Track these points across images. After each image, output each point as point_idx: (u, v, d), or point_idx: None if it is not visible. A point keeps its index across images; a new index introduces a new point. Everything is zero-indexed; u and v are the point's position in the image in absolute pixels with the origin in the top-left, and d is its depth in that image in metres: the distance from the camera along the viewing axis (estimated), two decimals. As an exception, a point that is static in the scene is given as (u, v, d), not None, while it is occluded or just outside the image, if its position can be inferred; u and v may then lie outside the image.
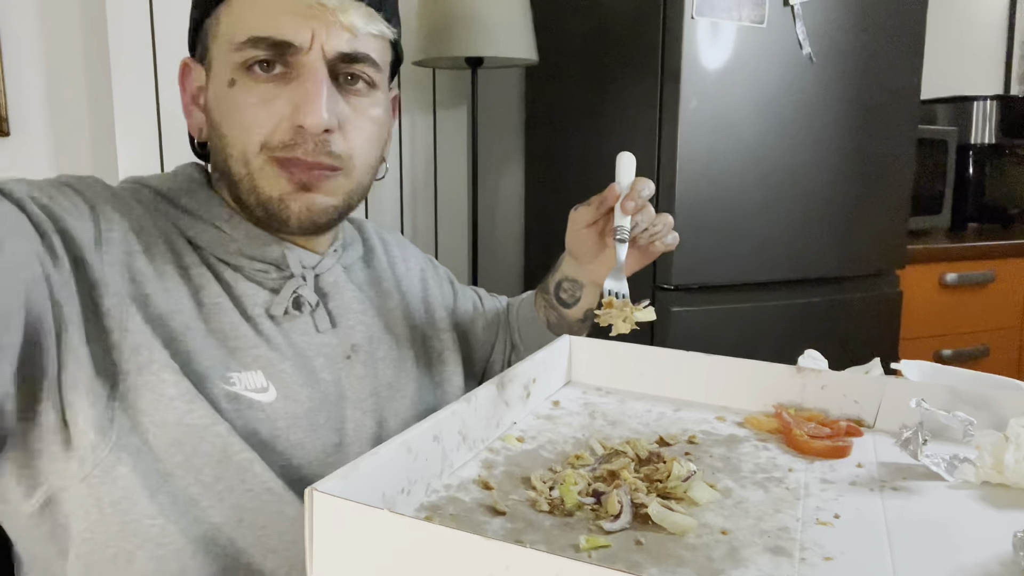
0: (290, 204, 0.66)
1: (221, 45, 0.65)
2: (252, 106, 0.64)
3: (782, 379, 0.74)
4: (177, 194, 0.69)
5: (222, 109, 0.66)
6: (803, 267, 1.68)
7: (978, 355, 2.18)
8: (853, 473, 0.60)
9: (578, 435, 0.68)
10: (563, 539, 0.49)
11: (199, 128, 0.71)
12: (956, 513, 0.54)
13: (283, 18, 0.62)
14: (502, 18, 1.65)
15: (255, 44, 0.63)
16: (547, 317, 0.89)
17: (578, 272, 0.84)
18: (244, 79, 0.64)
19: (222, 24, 0.65)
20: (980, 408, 0.67)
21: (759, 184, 1.58)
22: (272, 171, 0.65)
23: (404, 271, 0.86)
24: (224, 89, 0.65)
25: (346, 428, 0.69)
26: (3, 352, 0.49)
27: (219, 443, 0.60)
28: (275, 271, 0.69)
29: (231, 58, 0.64)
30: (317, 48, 0.63)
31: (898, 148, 1.75)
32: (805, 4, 1.55)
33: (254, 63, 0.63)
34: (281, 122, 0.64)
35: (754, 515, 0.53)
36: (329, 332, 0.71)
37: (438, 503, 0.54)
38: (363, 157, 0.69)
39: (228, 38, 0.64)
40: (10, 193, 0.55)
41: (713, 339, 1.59)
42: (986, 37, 3.01)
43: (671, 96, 1.50)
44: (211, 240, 0.67)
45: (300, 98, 0.63)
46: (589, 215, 0.78)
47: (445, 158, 2.08)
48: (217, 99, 0.66)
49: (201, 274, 0.65)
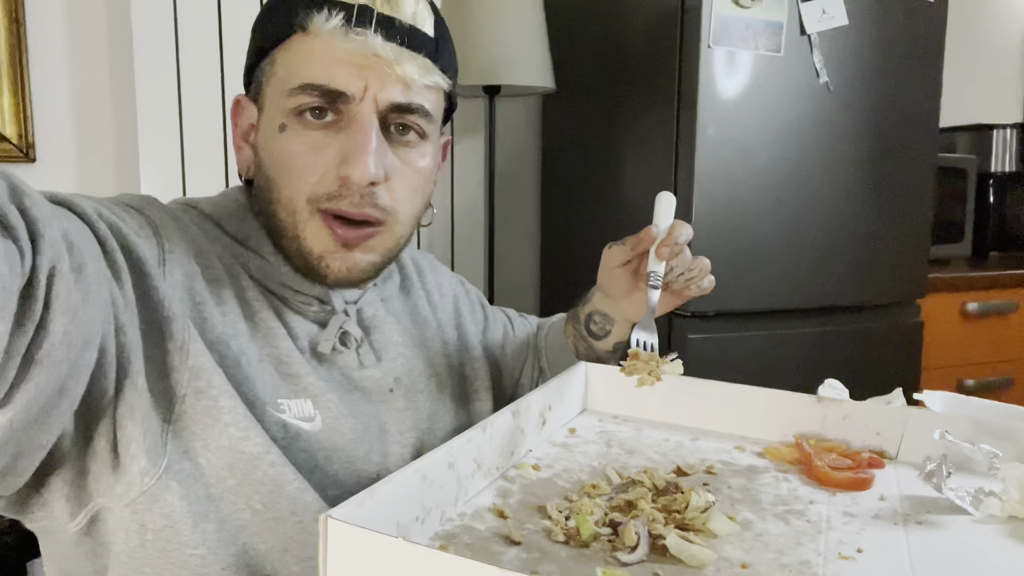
0: (331, 263, 0.66)
1: (275, 87, 0.65)
2: (301, 153, 0.64)
3: (802, 409, 0.73)
4: (226, 220, 0.69)
5: (271, 153, 0.66)
6: (823, 295, 1.66)
7: (1002, 386, 2.15)
8: (876, 506, 0.59)
9: (594, 464, 0.67)
10: (579, 570, 0.48)
11: (247, 165, 0.70)
12: (982, 548, 0.53)
13: (338, 67, 0.62)
14: (519, 46, 1.66)
15: (308, 91, 0.63)
16: (576, 346, 0.88)
17: (609, 307, 0.83)
18: (295, 125, 0.64)
19: (278, 67, 0.65)
20: (1005, 440, 0.65)
21: (777, 212, 1.57)
22: (317, 225, 0.65)
23: (438, 298, 0.86)
24: (274, 133, 0.65)
25: (388, 463, 0.69)
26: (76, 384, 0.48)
27: (272, 472, 0.59)
28: (317, 304, 0.69)
29: (283, 103, 0.64)
30: (370, 98, 0.63)
31: (918, 176, 1.74)
32: (822, 33, 1.55)
33: (306, 109, 0.63)
34: (328, 171, 0.63)
35: (775, 548, 0.52)
36: (373, 367, 0.71)
37: (453, 532, 0.53)
38: (406, 211, 0.68)
39: (282, 82, 0.64)
40: (79, 209, 0.53)
41: (731, 367, 1.57)
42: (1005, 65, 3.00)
43: (688, 124, 1.50)
44: (257, 268, 0.67)
45: (348, 148, 0.63)
46: (623, 255, 0.77)
47: (462, 185, 2.09)
48: (267, 142, 0.66)
49: (255, 298, 0.65)
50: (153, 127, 1.65)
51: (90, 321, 0.47)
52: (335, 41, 0.62)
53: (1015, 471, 0.58)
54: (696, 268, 0.77)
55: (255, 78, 0.69)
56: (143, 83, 1.63)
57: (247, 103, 0.70)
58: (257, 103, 0.69)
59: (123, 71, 1.66)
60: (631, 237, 0.76)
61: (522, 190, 2.19)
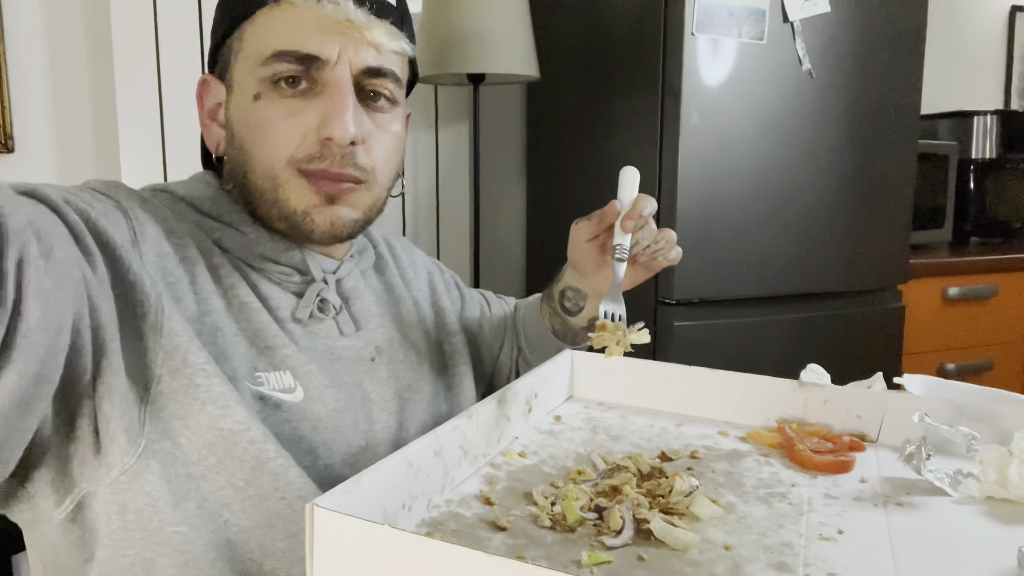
0: (315, 217, 0.67)
1: (245, 61, 0.66)
2: (278, 120, 0.65)
3: (785, 394, 0.74)
4: (199, 199, 0.70)
5: (246, 124, 0.66)
6: (805, 282, 1.68)
7: (982, 369, 2.18)
8: (856, 488, 0.60)
9: (580, 450, 0.68)
10: (565, 555, 0.49)
11: (216, 143, 0.71)
12: (960, 528, 0.54)
13: (312, 34, 0.63)
14: (503, 35, 1.66)
15: (282, 58, 0.64)
16: (552, 324, 0.89)
17: (580, 283, 0.84)
18: (269, 93, 0.65)
19: (246, 40, 0.66)
20: (983, 422, 0.66)
21: (760, 199, 1.58)
22: (299, 184, 0.66)
23: (413, 276, 0.87)
24: (248, 104, 0.66)
25: (373, 430, 0.70)
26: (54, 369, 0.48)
27: (253, 450, 0.59)
28: (297, 275, 0.70)
29: (257, 73, 0.65)
30: (344, 63, 0.65)
31: (899, 163, 1.75)
32: (805, 20, 1.56)
33: (280, 78, 0.64)
34: (308, 135, 0.65)
35: (757, 531, 0.53)
36: (353, 335, 0.72)
37: (439, 519, 0.53)
38: (384, 171, 0.70)
39: (253, 53, 0.65)
40: (45, 197, 0.54)
41: (715, 354, 1.59)
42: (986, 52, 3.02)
43: (672, 112, 1.51)
44: (235, 243, 0.68)
45: (327, 111, 0.64)
46: (589, 230, 0.78)
47: (447, 174, 2.09)
48: (241, 114, 0.67)
49: (230, 274, 0.66)
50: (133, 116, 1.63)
51: (63, 305, 0.47)
52: (307, 9, 0.64)
53: (993, 452, 0.59)
54: (662, 240, 0.78)
55: (221, 57, 0.70)
56: (122, 72, 1.61)
57: (214, 82, 0.71)
58: (224, 81, 0.69)
59: (102, 60, 1.64)
60: (596, 212, 0.77)
61: (507, 178, 2.19)
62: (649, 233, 0.76)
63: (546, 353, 0.91)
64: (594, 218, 0.77)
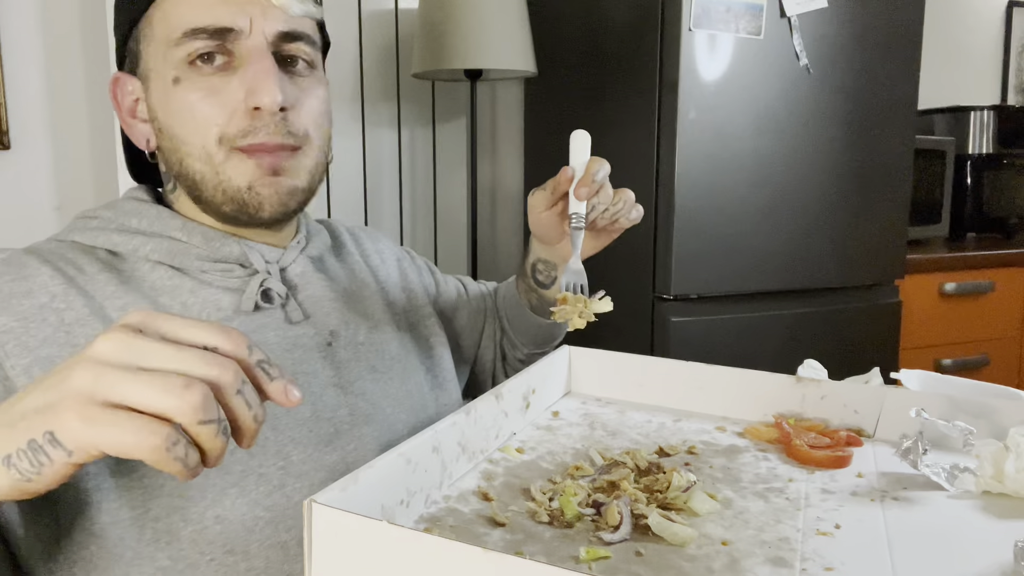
0: (261, 191, 0.66)
1: (158, 47, 0.65)
2: (202, 100, 0.64)
3: (782, 389, 0.74)
4: (126, 218, 0.68)
5: (170, 110, 0.65)
6: (802, 277, 1.68)
7: (978, 364, 2.18)
8: (854, 483, 0.60)
9: (578, 446, 0.68)
10: (563, 550, 0.49)
11: (146, 139, 0.70)
12: (957, 523, 0.54)
13: (218, 7, 0.63)
14: (501, 30, 1.66)
15: (195, 35, 0.63)
16: (528, 300, 0.89)
17: (548, 253, 0.84)
18: (189, 75, 0.64)
19: (155, 26, 0.65)
20: (979, 417, 0.67)
21: (757, 194, 1.58)
22: (237, 160, 0.65)
23: (379, 262, 0.86)
24: (169, 89, 0.65)
25: (339, 415, 0.69)
26: None
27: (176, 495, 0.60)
28: (239, 269, 0.69)
29: (172, 56, 0.64)
30: (258, 31, 0.64)
31: (896, 158, 1.75)
32: (802, 16, 1.56)
33: (196, 57, 0.64)
34: (235, 110, 0.64)
35: (754, 526, 0.53)
36: (303, 323, 0.71)
37: (437, 515, 0.53)
38: (317, 134, 0.70)
39: (164, 37, 0.65)
40: None
41: (712, 349, 1.59)
42: (983, 47, 3.02)
43: (669, 107, 1.51)
44: (168, 252, 0.67)
45: (251, 81, 0.63)
46: (545, 200, 0.77)
47: (444, 170, 2.09)
48: (162, 101, 0.66)
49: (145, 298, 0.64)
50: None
51: None
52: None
53: (989, 447, 0.59)
54: (620, 201, 0.76)
55: (129, 51, 0.69)
56: (119, 68, 1.61)
57: (126, 78, 0.69)
58: (138, 74, 0.68)
59: (98, 55, 1.64)
60: (550, 181, 0.76)
61: (505, 174, 2.19)
62: (605, 197, 0.75)
63: (528, 332, 0.91)
64: (548, 187, 0.76)
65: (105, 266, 0.65)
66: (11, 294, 0.59)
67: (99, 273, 0.64)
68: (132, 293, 0.64)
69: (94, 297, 0.62)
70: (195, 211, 0.70)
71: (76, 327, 0.60)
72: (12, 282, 0.60)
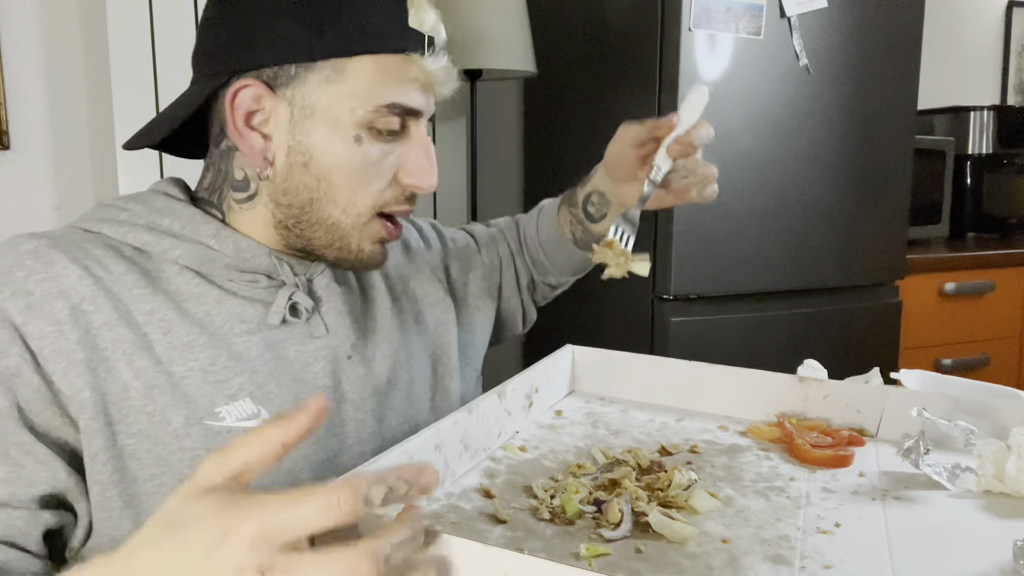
0: (376, 256, 0.70)
1: (344, 98, 0.64)
2: (374, 165, 0.67)
3: (785, 389, 0.74)
4: (157, 216, 0.67)
5: (341, 163, 0.66)
6: (802, 277, 1.68)
7: (978, 364, 2.18)
8: (855, 482, 0.60)
9: (580, 444, 0.68)
10: (564, 547, 0.49)
11: (262, 154, 0.67)
12: (957, 522, 0.54)
13: (419, 94, 0.67)
14: (501, 30, 1.66)
15: (394, 111, 0.66)
16: (573, 233, 0.88)
17: (608, 188, 0.83)
18: (368, 138, 0.66)
19: (350, 78, 0.64)
20: (980, 417, 0.67)
21: (757, 194, 1.58)
22: (375, 226, 0.69)
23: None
24: (347, 143, 0.65)
25: (345, 431, 0.69)
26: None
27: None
28: (265, 280, 0.68)
29: (362, 117, 0.65)
30: (429, 113, 0.69)
31: (896, 158, 1.75)
32: (802, 16, 1.56)
33: (384, 127, 0.66)
34: (392, 180, 0.68)
35: (755, 524, 0.53)
36: (325, 337, 0.70)
37: (440, 511, 0.54)
38: None
39: (361, 95, 0.65)
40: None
41: (712, 349, 1.59)
42: (982, 47, 3.02)
43: (669, 107, 1.51)
44: (198, 258, 0.66)
45: (413, 160, 0.68)
46: (637, 135, 0.75)
47: (444, 169, 2.08)
48: (328, 148, 0.66)
49: (163, 320, 0.63)
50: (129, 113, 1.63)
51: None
52: (415, 64, 0.66)
53: (990, 447, 0.59)
54: (700, 174, 0.75)
55: (285, 71, 0.65)
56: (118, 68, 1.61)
57: (264, 93, 0.65)
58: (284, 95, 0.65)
59: (98, 55, 1.64)
60: (651, 120, 0.74)
61: (505, 174, 2.19)
62: (692, 163, 0.73)
63: (565, 263, 0.90)
64: (647, 125, 0.74)
65: (131, 265, 0.64)
66: (44, 296, 0.59)
67: (126, 274, 0.63)
68: (159, 296, 0.63)
69: (121, 299, 0.62)
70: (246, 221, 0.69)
71: (104, 331, 0.60)
72: (43, 282, 0.59)
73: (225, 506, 0.36)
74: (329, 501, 0.35)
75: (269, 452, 0.38)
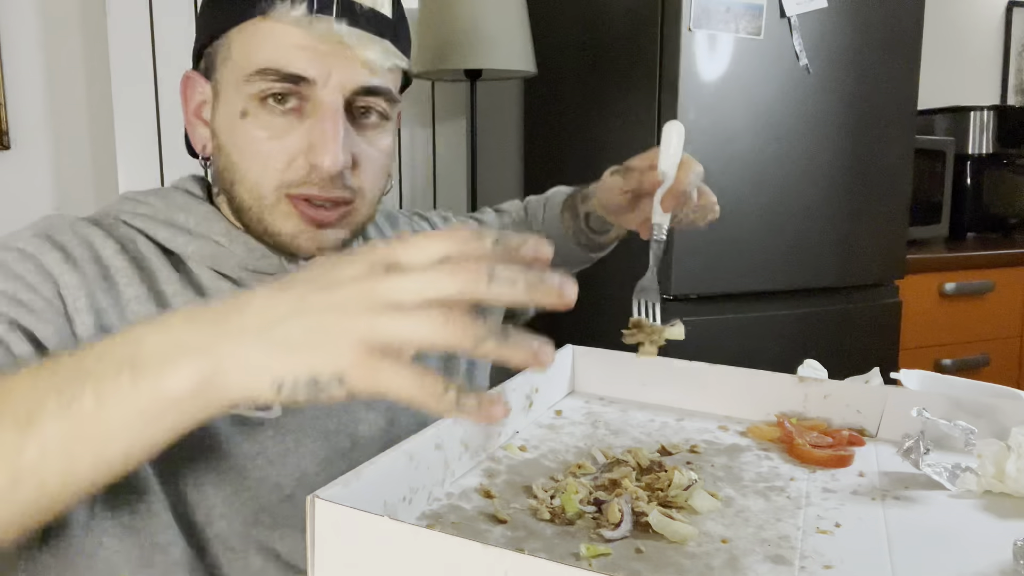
0: (301, 243, 0.66)
1: (233, 71, 0.64)
2: (266, 140, 0.63)
3: (785, 389, 0.74)
4: (175, 212, 0.68)
5: (233, 139, 0.65)
6: (802, 277, 1.68)
7: (978, 364, 2.18)
8: (855, 482, 0.60)
9: (580, 444, 0.68)
10: (564, 547, 0.49)
11: (203, 144, 0.69)
12: (957, 522, 0.54)
13: (299, 52, 0.61)
14: (501, 30, 1.66)
15: (267, 75, 0.62)
16: (576, 237, 0.88)
17: (608, 216, 0.82)
18: (258, 111, 0.63)
19: (234, 50, 0.64)
20: (980, 417, 0.67)
21: (757, 195, 1.58)
22: (286, 209, 0.65)
23: None
24: (235, 119, 0.64)
25: (359, 430, 0.69)
26: None
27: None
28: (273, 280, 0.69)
29: (244, 88, 0.63)
30: (335, 84, 0.62)
31: (896, 158, 1.75)
32: (802, 16, 1.56)
33: (268, 95, 0.62)
34: (296, 158, 0.63)
35: (755, 524, 0.53)
36: None
37: (439, 511, 0.54)
38: (372, 190, 0.69)
39: (240, 65, 0.63)
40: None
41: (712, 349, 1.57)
42: (982, 47, 3.02)
43: (669, 107, 1.51)
44: (211, 254, 0.67)
45: (316, 137, 0.62)
46: (622, 187, 0.74)
47: (444, 170, 2.09)
48: (227, 127, 0.65)
49: (187, 302, 0.63)
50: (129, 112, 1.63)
51: None
52: (297, 27, 0.61)
53: (991, 447, 0.59)
54: (700, 208, 0.73)
55: (206, 55, 0.67)
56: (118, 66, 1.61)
57: (198, 79, 0.68)
58: (210, 80, 0.67)
59: (98, 55, 1.64)
60: (635, 171, 0.72)
61: (504, 175, 2.19)
62: (690, 205, 0.71)
63: (567, 256, 0.89)
64: (630, 179, 0.73)
65: (159, 250, 0.66)
66: (81, 258, 0.60)
67: (154, 256, 0.65)
68: (184, 281, 0.64)
69: (153, 278, 0.63)
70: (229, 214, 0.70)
71: (133, 304, 0.60)
72: (80, 246, 0.61)
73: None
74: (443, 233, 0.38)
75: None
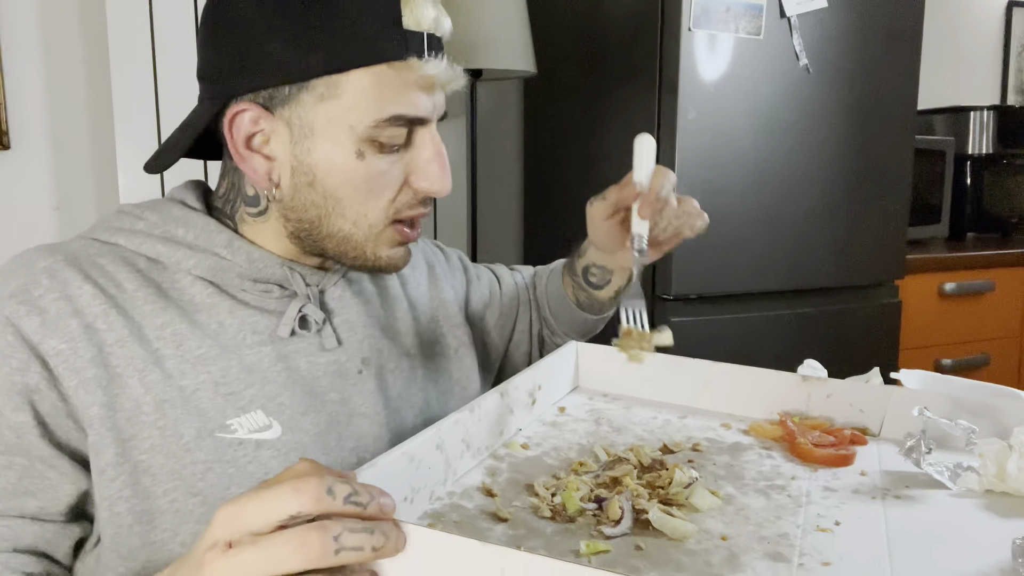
0: (399, 262, 0.70)
1: (341, 112, 0.62)
2: (380, 176, 0.65)
3: (788, 387, 0.74)
4: (172, 226, 0.67)
5: (343, 177, 0.64)
6: (802, 277, 1.68)
7: (978, 364, 2.18)
8: (856, 481, 0.60)
9: (583, 442, 0.68)
10: (564, 545, 0.49)
11: (267, 175, 0.66)
12: (958, 521, 0.54)
13: (420, 95, 0.64)
14: (501, 30, 1.66)
15: (398, 122, 0.63)
16: (576, 296, 0.88)
17: (605, 260, 0.83)
18: (371, 151, 0.64)
19: (345, 94, 0.62)
20: (982, 417, 0.67)
21: (757, 195, 1.58)
22: (390, 234, 0.67)
23: (410, 273, 0.84)
24: (348, 159, 0.63)
25: (365, 444, 0.68)
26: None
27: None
28: (277, 290, 0.68)
29: (363, 132, 0.62)
30: (436, 116, 0.67)
31: (896, 158, 1.75)
32: (802, 16, 1.56)
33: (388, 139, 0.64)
34: (403, 186, 0.66)
35: (755, 522, 0.53)
36: (336, 350, 0.70)
37: (441, 510, 0.54)
38: None
39: (359, 110, 0.62)
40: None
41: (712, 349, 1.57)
42: (982, 47, 3.02)
43: (669, 107, 1.51)
44: (211, 268, 0.66)
45: (423, 165, 0.66)
46: (605, 211, 0.75)
47: (445, 170, 2.09)
48: (332, 167, 0.64)
49: (175, 333, 0.63)
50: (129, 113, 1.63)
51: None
52: (412, 69, 0.63)
53: (992, 446, 0.59)
54: (684, 214, 0.74)
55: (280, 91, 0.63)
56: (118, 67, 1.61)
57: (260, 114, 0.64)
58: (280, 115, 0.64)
59: (98, 55, 1.64)
60: (613, 190, 0.74)
61: (504, 174, 2.19)
62: (669, 211, 0.72)
63: (571, 324, 0.90)
64: (610, 199, 0.74)
65: (144, 280, 0.64)
66: (58, 315, 0.59)
67: (138, 289, 0.63)
68: (171, 310, 0.63)
69: (133, 317, 0.62)
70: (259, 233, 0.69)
71: (116, 348, 0.60)
72: (57, 300, 0.60)
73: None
74: (294, 486, 0.38)
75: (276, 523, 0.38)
